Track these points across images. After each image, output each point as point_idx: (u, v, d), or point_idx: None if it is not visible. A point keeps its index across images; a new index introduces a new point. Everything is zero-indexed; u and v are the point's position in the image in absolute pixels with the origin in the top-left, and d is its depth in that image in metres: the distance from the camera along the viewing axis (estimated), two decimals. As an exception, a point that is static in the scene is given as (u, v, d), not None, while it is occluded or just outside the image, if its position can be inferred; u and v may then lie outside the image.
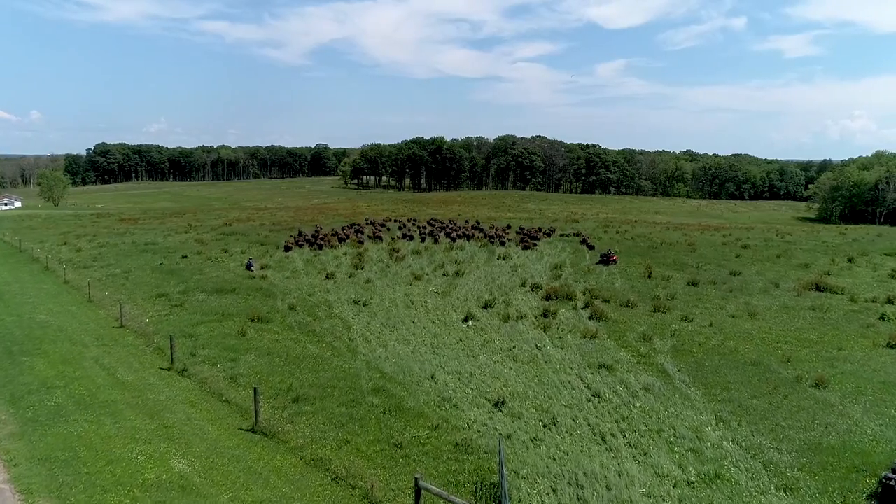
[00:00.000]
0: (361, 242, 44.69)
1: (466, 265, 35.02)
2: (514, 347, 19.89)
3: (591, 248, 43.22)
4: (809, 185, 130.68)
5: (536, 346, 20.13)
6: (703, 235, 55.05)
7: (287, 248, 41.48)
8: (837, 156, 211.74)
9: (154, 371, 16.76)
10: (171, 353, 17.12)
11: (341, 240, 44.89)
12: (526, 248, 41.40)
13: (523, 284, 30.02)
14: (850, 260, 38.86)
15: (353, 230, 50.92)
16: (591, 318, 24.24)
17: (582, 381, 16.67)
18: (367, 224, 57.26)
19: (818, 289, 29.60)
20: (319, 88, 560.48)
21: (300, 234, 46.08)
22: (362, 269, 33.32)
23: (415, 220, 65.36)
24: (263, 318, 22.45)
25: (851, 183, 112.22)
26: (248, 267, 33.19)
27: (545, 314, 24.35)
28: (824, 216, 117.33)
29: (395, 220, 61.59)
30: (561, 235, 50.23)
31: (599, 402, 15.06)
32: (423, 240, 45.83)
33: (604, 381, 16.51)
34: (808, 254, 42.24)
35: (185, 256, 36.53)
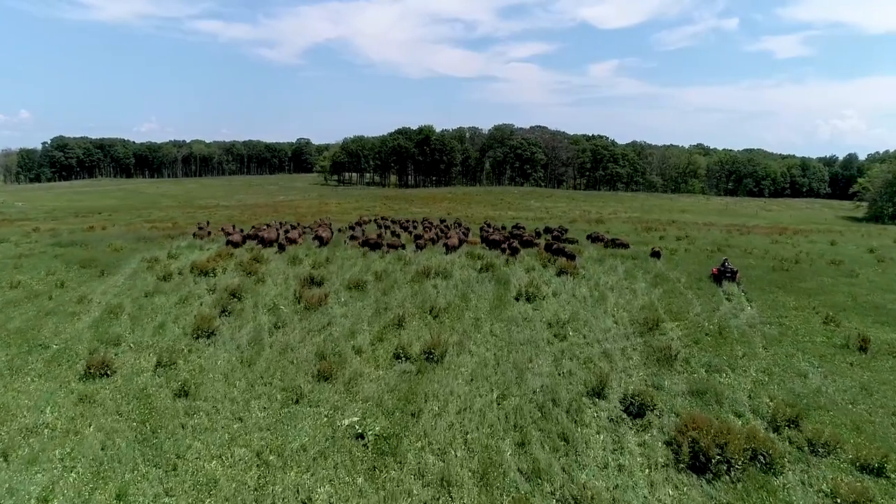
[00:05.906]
0: (270, 245, 25.91)
1: (453, 319, 16.33)
2: None
3: (657, 255, 26.31)
4: (858, 180, 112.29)
5: None
6: (807, 244, 36.82)
7: (175, 244, 23.42)
8: (827, 154, 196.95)
9: None
10: None
11: (234, 244, 26.09)
12: (563, 272, 22.50)
13: (598, 392, 11.47)
14: None
15: (277, 228, 31.97)
16: None
17: None
18: (317, 225, 38.29)
19: None
20: (312, 88, 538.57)
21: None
22: (213, 335, 14.43)
23: (383, 218, 46.66)
24: None
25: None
26: None
27: None
28: (875, 215, 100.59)
29: (360, 224, 42.73)
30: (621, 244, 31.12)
31: None
32: (381, 248, 26.62)
33: None
34: None
35: None
